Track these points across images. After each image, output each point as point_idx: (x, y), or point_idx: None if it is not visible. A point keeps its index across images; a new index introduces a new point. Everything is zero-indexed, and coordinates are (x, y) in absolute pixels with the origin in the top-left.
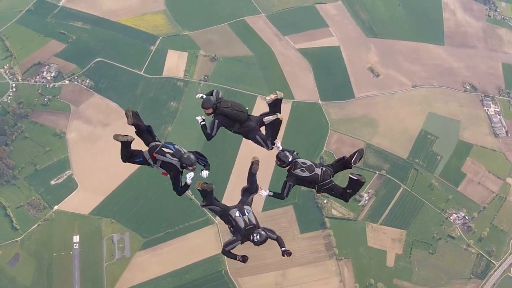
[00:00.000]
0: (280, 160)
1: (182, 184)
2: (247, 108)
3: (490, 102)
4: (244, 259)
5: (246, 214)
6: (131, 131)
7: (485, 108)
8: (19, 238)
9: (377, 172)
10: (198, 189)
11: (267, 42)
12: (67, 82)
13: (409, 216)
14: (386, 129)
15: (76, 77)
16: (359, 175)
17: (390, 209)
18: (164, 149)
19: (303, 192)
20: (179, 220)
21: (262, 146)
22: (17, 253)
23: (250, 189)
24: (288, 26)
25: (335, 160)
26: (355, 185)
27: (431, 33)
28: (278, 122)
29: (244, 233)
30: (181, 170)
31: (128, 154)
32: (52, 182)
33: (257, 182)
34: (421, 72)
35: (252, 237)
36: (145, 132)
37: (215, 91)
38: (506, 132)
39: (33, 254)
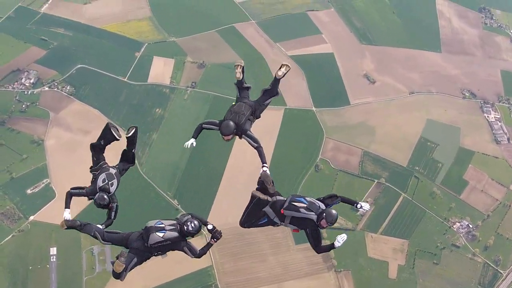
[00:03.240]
0: (103, 205)
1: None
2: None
3: (490, 109)
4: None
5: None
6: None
7: (485, 114)
8: None
9: (376, 180)
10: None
11: (257, 49)
12: (46, 88)
13: (411, 225)
14: (384, 136)
15: (56, 84)
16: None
17: (390, 218)
18: (296, 204)
19: None
20: None
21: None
22: None
23: None
24: (280, 33)
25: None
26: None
27: (427, 40)
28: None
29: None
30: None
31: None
32: (29, 191)
33: None
34: (418, 79)
35: (186, 228)
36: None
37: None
38: (508, 139)
39: (6, 267)
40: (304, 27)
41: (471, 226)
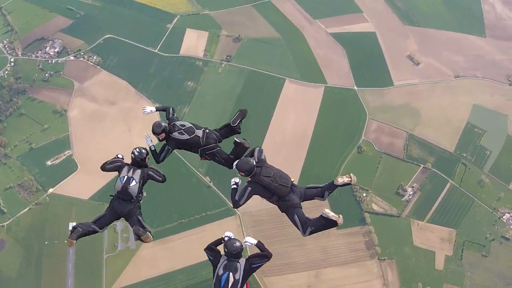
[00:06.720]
0: (155, 133)
1: None
2: (292, 180)
3: None
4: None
5: None
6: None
7: None
8: (5, 223)
9: (422, 165)
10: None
11: (296, 25)
12: (72, 58)
13: (459, 214)
14: (430, 120)
15: (82, 53)
16: (244, 139)
17: (437, 206)
18: None
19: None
20: (194, 210)
21: (297, 228)
22: (2, 239)
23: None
24: (319, 10)
25: (222, 125)
26: (239, 150)
27: (471, 24)
28: (333, 223)
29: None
30: None
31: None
32: (48, 163)
33: None
34: (463, 63)
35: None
36: None
37: (257, 149)
38: None
39: (21, 241)
40: (344, 5)
41: None
